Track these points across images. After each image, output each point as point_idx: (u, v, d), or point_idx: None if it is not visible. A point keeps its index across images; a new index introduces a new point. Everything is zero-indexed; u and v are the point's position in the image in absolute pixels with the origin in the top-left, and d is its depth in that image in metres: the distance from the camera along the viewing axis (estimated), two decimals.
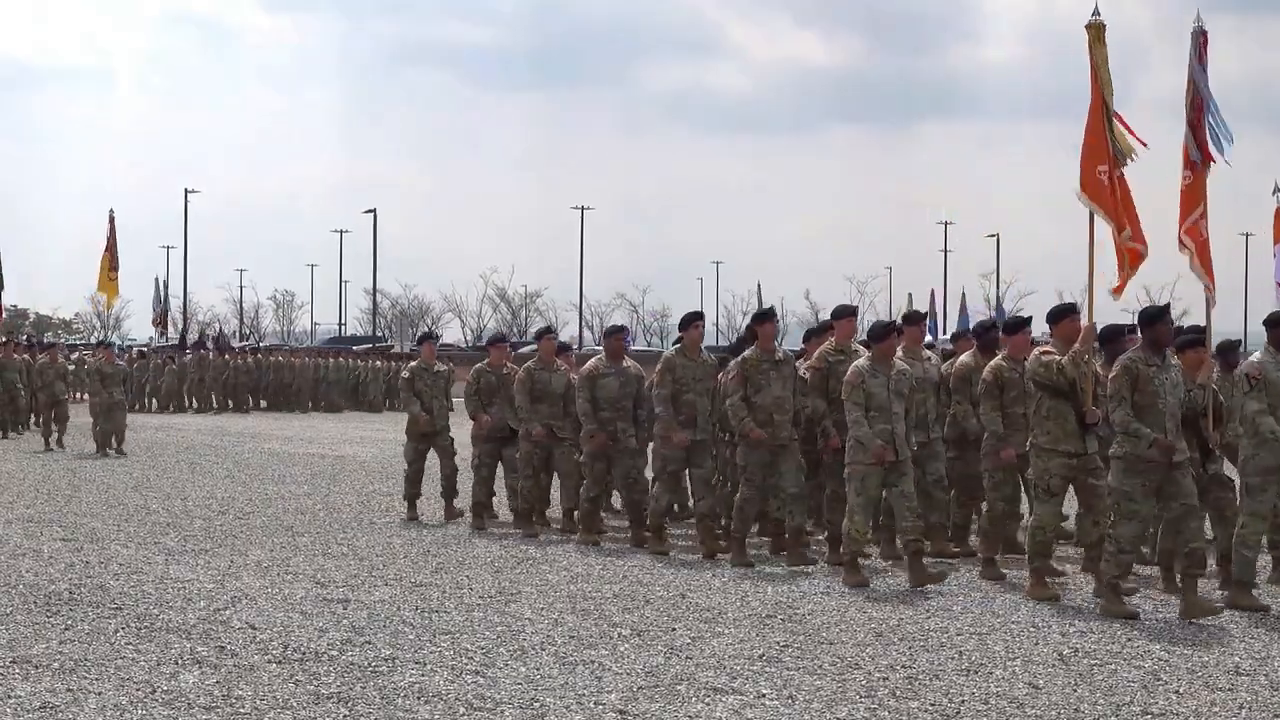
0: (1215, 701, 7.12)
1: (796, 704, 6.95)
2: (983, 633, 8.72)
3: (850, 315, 12.01)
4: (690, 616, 9.12)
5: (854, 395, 10.55)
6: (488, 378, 13.93)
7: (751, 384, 11.36)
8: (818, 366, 11.61)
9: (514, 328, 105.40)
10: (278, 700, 6.89)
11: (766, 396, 11.31)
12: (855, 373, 10.63)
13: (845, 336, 11.75)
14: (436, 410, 14.78)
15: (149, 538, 12.67)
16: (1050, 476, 9.88)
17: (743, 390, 11.35)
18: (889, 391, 10.55)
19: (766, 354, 11.48)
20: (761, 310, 12.30)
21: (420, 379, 14.83)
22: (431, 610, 9.22)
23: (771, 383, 11.35)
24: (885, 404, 10.52)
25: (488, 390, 13.88)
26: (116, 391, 23.45)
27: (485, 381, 13.92)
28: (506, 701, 6.92)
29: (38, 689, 7.06)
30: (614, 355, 12.84)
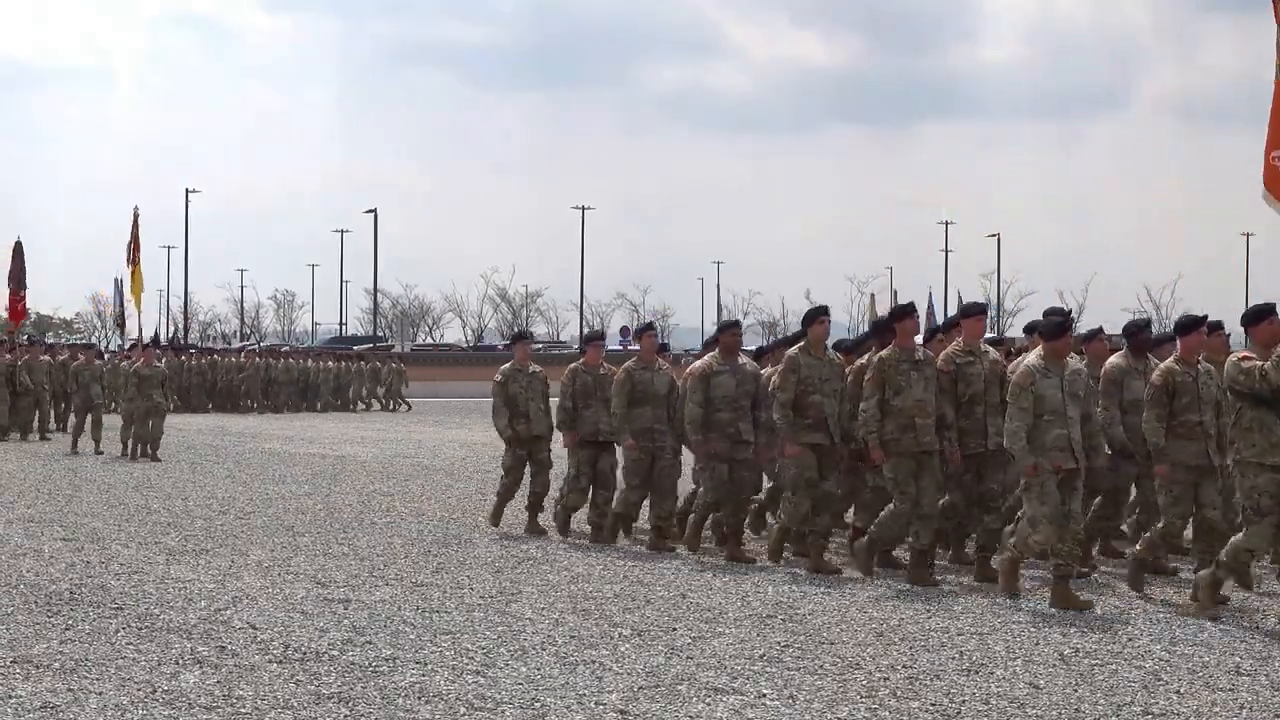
0: (1216, 702, 7.12)
1: (797, 704, 6.95)
2: (983, 633, 8.72)
3: (980, 313, 11.19)
4: (691, 616, 9.12)
5: (1021, 399, 9.58)
6: (584, 378, 13.03)
7: (890, 386, 10.49)
8: (945, 369, 10.70)
9: (514, 327, 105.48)
10: (278, 700, 6.89)
11: (907, 399, 10.46)
12: (1026, 373, 9.66)
13: (974, 336, 10.94)
14: (534, 415, 13.49)
15: (150, 538, 12.67)
16: (1259, 494, 9.03)
17: (879, 394, 10.50)
18: (1063, 394, 9.62)
19: (906, 352, 10.59)
20: (902, 305, 11.14)
21: (514, 382, 13.57)
22: (432, 610, 9.22)
23: (913, 384, 10.49)
24: (1059, 407, 9.57)
25: (584, 392, 12.99)
26: (156, 394, 22.30)
27: (582, 382, 13.02)
28: (507, 701, 6.92)
29: (39, 689, 7.06)
30: (728, 351, 11.88)
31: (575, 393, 12.94)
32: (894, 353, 10.62)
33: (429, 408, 43.58)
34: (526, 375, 13.59)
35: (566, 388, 12.95)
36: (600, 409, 12.83)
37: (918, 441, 10.45)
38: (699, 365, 11.93)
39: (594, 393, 12.91)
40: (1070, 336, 9.95)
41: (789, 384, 11.01)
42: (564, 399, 12.94)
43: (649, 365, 12.56)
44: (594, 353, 13.28)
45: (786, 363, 11.13)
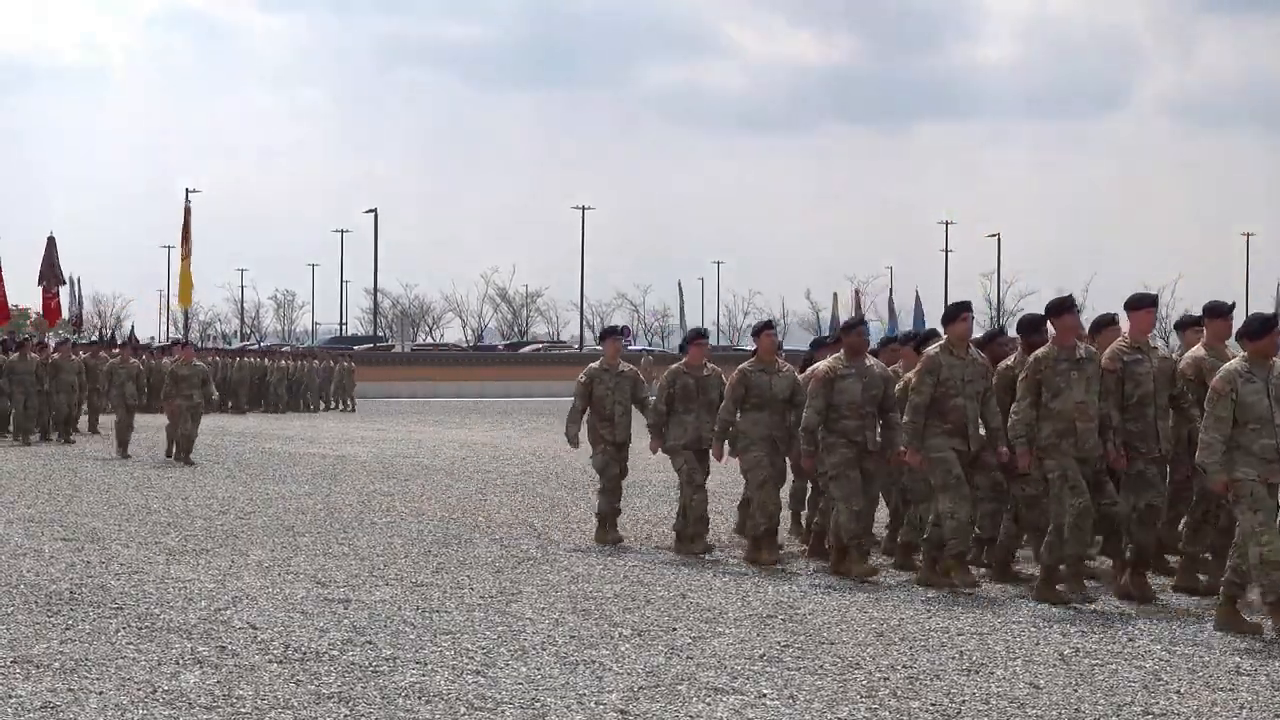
0: (1216, 701, 7.12)
1: (797, 704, 6.95)
2: (984, 632, 8.72)
3: (1151, 305, 10.14)
4: (691, 616, 9.12)
5: (1219, 407, 8.78)
6: (684, 380, 12.04)
7: (1048, 387, 9.74)
8: (1111, 368, 9.90)
9: (514, 328, 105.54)
10: (279, 700, 6.90)
11: (1067, 401, 9.69)
12: (1226, 378, 8.87)
13: (1143, 331, 10.10)
14: (618, 418, 12.58)
15: (150, 537, 12.67)
16: None
17: (1032, 395, 9.77)
18: (1270, 399, 8.82)
19: (1065, 350, 9.82)
20: (1062, 299, 10.12)
21: (600, 383, 12.57)
22: (432, 610, 9.23)
23: (1072, 385, 9.72)
24: (1266, 414, 8.77)
25: (684, 395, 12.01)
26: (196, 394, 21.56)
27: (682, 385, 12.03)
28: (507, 701, 6.92)
29: (39, 689, 7.06)
30: (854, 352, 10.93)
31: (674, 395, 12.03)
32: (1052, 351, 9.84)
33: (429, 408, 43.60)
34: (614, 375, 12.64)
35: (664, 390, 12.04)
36: (703, 413, 11.94)
37: (1078, 447, 9.70)
38: (822, 367, 11.05)
39: (696, 396, 12.01)
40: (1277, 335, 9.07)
41: (925, 386, 10.26)
42: (659, 401, 12.07)
43: (768, 366, 11.57)
44: (697, 352, 12.22)
45: (925, 362, 10.34)
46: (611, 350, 12.83)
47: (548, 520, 14.10)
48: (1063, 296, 10.11)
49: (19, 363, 25.59)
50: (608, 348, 12.92)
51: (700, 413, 11.94)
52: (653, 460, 21.77)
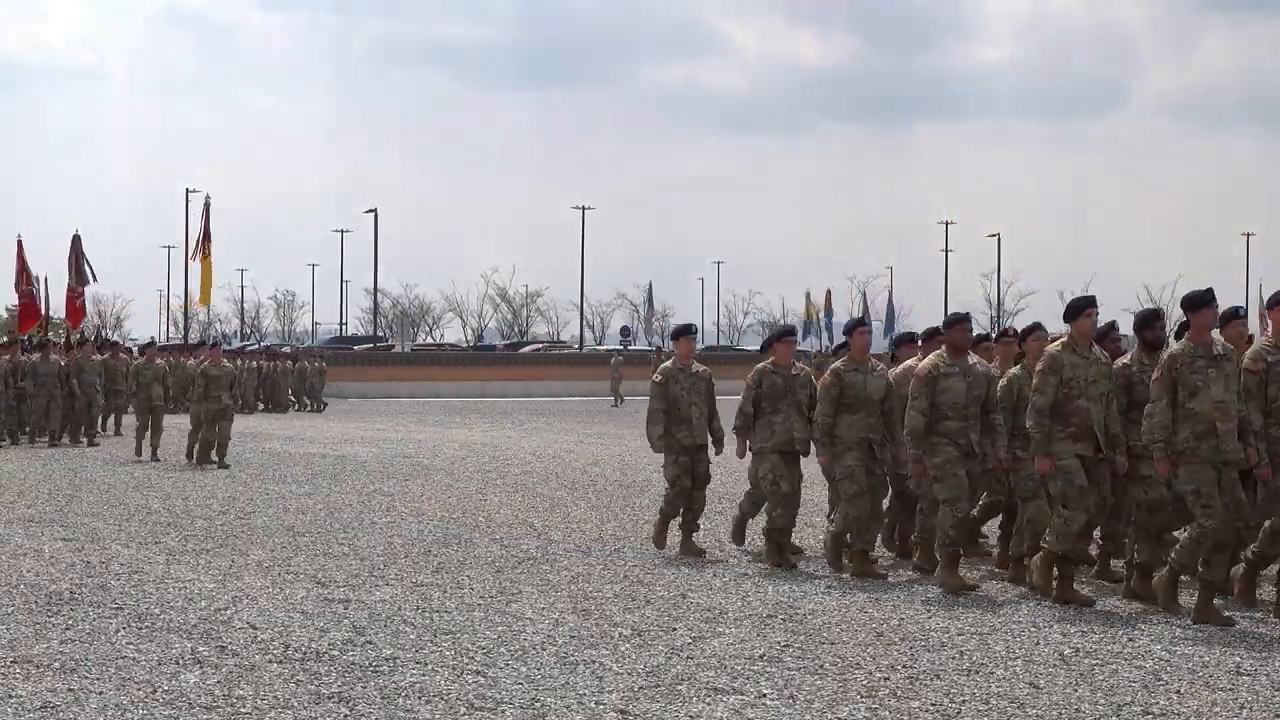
0: (1216, 701, 7.12)
1: (797, 704, 6.95)
2: (984, 632, 8.72)
3: None
4: (691, 616, 9.12)
5: None
6: (772, 379, 11.42)
7: (1184, 386, 9.26)
8: (1253, 368, 9.36)
9: (515, 328, 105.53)
10: (279, 700, 6.90)
11: (1204, 402, 9.22)
12: None
13: None
14: (696, 421, 11.90)
15: (150, 537, 12.67)
16: None
17: (1168, 395, 9.27)
18: None
19: (1202, 347, 9.35)
20: (1201, 292, 9.58)
21: (676, 384, 11.93)
22: (432, 610, 9.22)
23: (1210, 384, 9.27)
24: None
25: (772, 395, 11.41)
26: (225, 396, 20.93)
27: (769, 384, 11.41)
28: (507, 701, 6.92)
29: (39, 689, 7.06)
30: (957, 349, 10.41)
31: (761, 395, 11.42)
32: (1188, 348, 9.33)
33: (429, 408, 43.58)
34: (689, 376, 12.00)
35: (751, 390, 11.42)
36: (793, 414, 11.31)
37: (1219, 450, 9.19)
38: (924, 366, 10.48)
39: (784, 396, 11.37)
40: None
41: (1048, 386, 9.65)
42: (745, 402, 11.46)
43: (862, 365, 10.99)
44: (784, 350, 11.57)
45: (1047, 361, 9.74)
46: (684, 350, 12.18)
47: (548, 520, 14.10)
48: (1202, 290, 9.55)
49: (41, 364, 25.13)
50: (680, 347, 12.25)
51: (789, 414, 11.30)
52: (652, 461, 21.82)
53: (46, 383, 24.86)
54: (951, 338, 10.45)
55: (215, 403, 20.73)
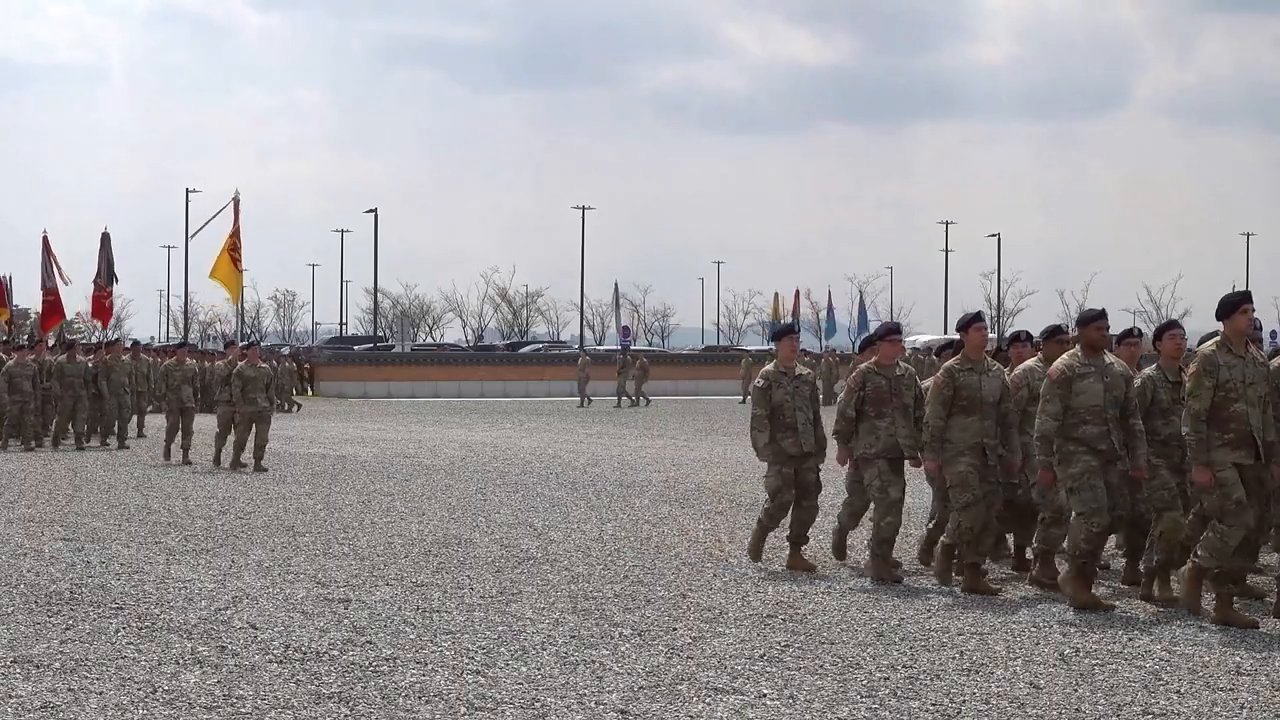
0: (1216, 701, 7.12)
1: (798, 704, 6.95)
2: (984, 632, 8.72)
3: None
4: (691, 616, 9.12)
5: None
6: (876, 381, 10.79)
7: None
8: None
9: (515, 328, 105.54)
10: (279, 700, 6.90)
11: None
12: None
13: None
14: (801, 427, 11.25)
15: (150, 537, 12.67)
16: None
17: None
18: None
19: None
20: None
21: (779, 388, 11.29)
22: (432, 610, 9.22)
23: None
24: None
25: (876, 398, 10.74)
26: (260, 398, 20.25)
27: (874, 386, 10.79)
28: (507, 701, 6.92)
29: (39, 688, 7.06)
30: (1093, 347, 9.67)
31: (865, 398, 10.78)
32: None
33: (429, 408, 43.57)
34: (793, 380, 11.30)
35: (853, 393, 10.81)
36: (899, 417, 10.70)
37: None
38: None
39: (889, 398, 10.72)
40: None
41: (1203, 390, 9.05)
42: (846, 406, 10.85)
43: (977, 364, 10.29)
44: (890, 349, 10.90)
45: (1201, 363, 9.14)
46: (787, 351, 11.46)
47: (548, 520, 14.09)
48: None
49: (68, 364, 24.60)
50: (782, 348, 11.51)
51: (895, 417, 10.67)
52: (653, 460, 21.84)
53: (73, 383, 24.34)
54: (1087, 335, 9.70)
55: (252, 405, 20.12)
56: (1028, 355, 11.14)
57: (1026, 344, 11.49)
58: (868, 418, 10.75)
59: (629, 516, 14.44)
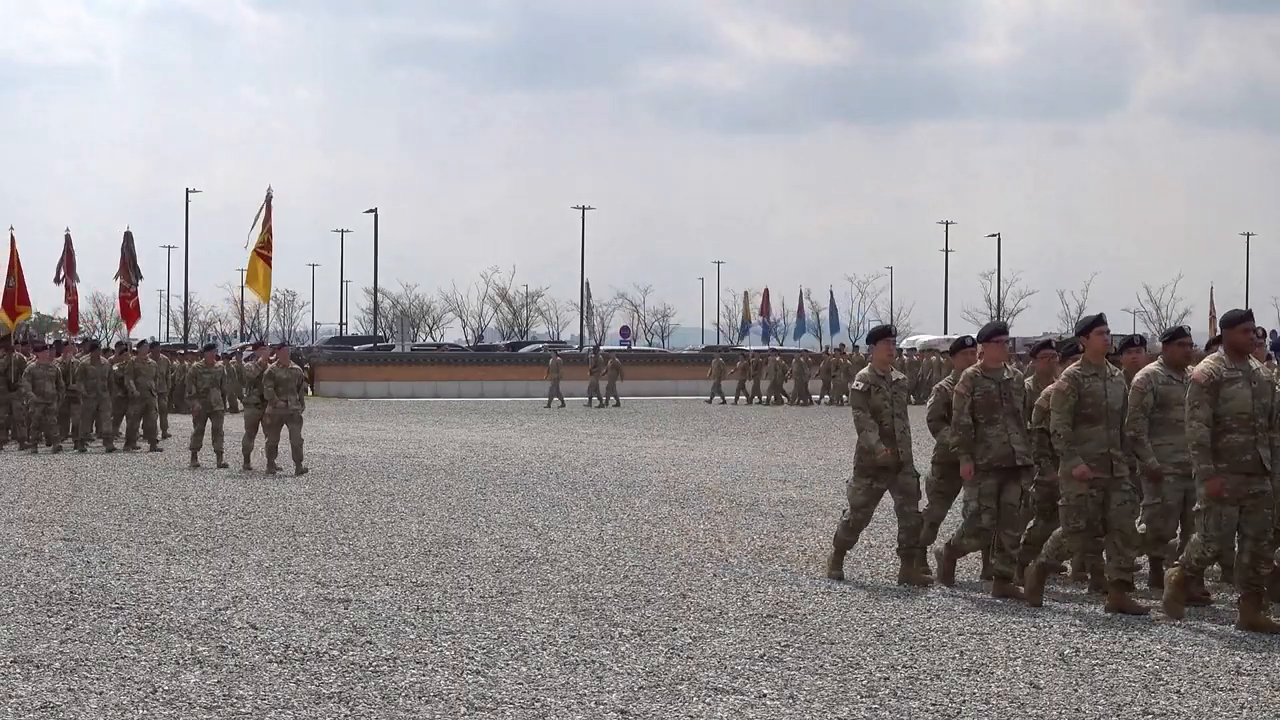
0: (1216, 702, 7.12)
1: (798, 704, 6.95)
2: (984, 632, 8.72)
3: None
4: (691, 616, 9.12)
5: None
6: (985, 385, 10.11)
7: None
8: None
9: (515, 328, 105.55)
10: (279, 700, 6.90)
11: None
12: None
13: None
14: (899, 435, 10.54)
15: (150, 537, 12.67)
16: None
17: None
18: None
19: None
20: None
21: (877, 392, 10.59)
22: (432, 610, 9.23)
23: None
24: None
25: (986, 404, 10.06)
26: (292, 400, 19.71)
27: (983, 390, 10.07)
28: (507, 701, 6.92)
29: (39, 689, 7.07)
30: (1238, 351, 9.14)
31: (976, 405, 10.07)
32: None
33: (429, 408, 43.56)
34: (890, 384, 10.65)
35: (965, 398, 10.08)
36: (1010, 424, 10.06)
37: None
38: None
39: (999, 404, 10.06)
40: None
41: None
42: (961, 414, 10.10)
43: (1100, 370, 9.58)
44: (996, 350, 10.24)
45: None
46: (883, 353, 10.78)
47: (548, 520, 14.09)
48: None
49: (92, 365, 24.11)
50: (879, 351, 10.82)
51: (1006, 424, 10.05)
52: (653, 460, 21.84)
53: (96, 385, 23.87)
54: (1233, 338, 9.18)
55: (283, 407, 19.66)
56: (1143, 361, 10.46)
57: (1141, 348, 10.87)
58: (977, 425, 10.12)
59: (629, 516, 14.44)
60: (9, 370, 23.80)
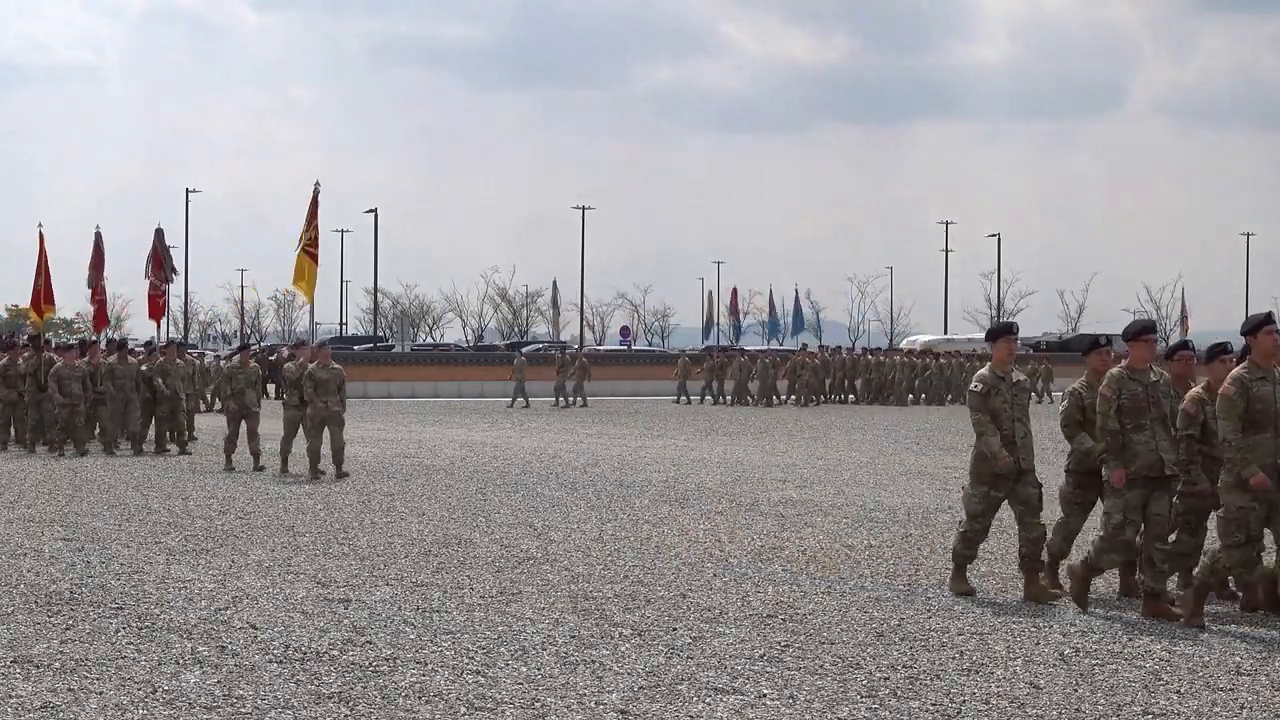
0: (1216, 701, 7.12)
1: (798, 704, 6.95)
2: (984, 632, 8.72)
3: None
4: (691, 616, 9.12)
5: None
6: (1131, 388, 9.39)
7: None
8: None
9: (515, 328, 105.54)
10: (279, 700, 6.90)
11: None
12: None
13: None
14: (1020, 440, 9.98)
15: (150, 537, 12.67)
16: None
17: None
18: None
19: None
20: None
21: (997, 394, 9.99)
22: (432, 610, 9.23)
23: None
24: None
25: (1133, 408, 9.35)
26: (332, 401, 18.94)
27: (1129, 394, 9.37)
28: (507, 701, 6.92)
29: (39, 689, 7.07)
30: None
31: (1122, 409, 9.35)
32: None
33: (429, 408, 43.55)
34: (1011, 386, 10.08)
35: (1110, 402, 9.34)
36: (1158, 430, 9.37)
37: None
38: None
39: (1147, 409, 9.36)
40: None
41: None
42: (1108, 419, 9.34)
43: (1268, 372, 9.03)
44: (1143, 350, 9.51)
45: None
46: (1004, 352, 10.18)
47: (548, 520, 14.09)
48: None
49: (118, 365, 23.55)
50: (999, 349, 10.21)
51: (1154, 430, 9.37)
52: (653, 460, 21.84)
53: (124, 385, 23.36)
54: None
55: (323, 408, 18.92)
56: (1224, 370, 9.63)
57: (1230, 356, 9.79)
58: (1123, 431, 9.39)
59: (629, 516, 14.44)
60: (38, 371, 23.33)
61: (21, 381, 23.28)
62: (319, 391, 18.99)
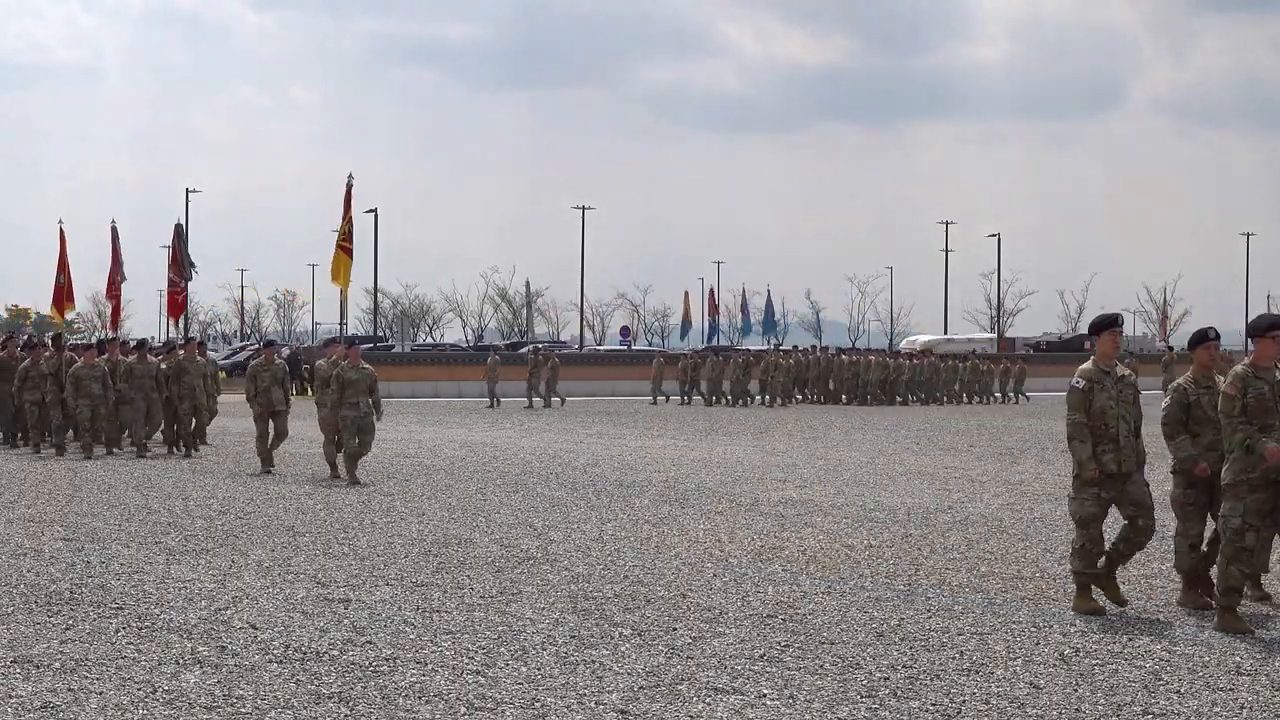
0: (1216, 702, 7.12)
1: (797, 704, 6.95)
2: (984, 632, 8.72)
3: None
4: (691, 616, 9.12)
5: None
6: (1256, 386, 8.93)
7: None
8: None
9: (514, 328, 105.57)
10: (279, 700, 6.90)
11: None
12: None
13: None
14: (1124, 440, 9.37)
15: (150, 537, 12.67)
16: None
17: None
18: None
19: None
20: None
21: (1101, 390, 9.44)
22: (432, 610, 9.23)
23: None
24: None
25: (1260, 407, 8.88)
26: (364, 402, 18.20)
27: (1255, 393, 8.90)
28: (507, 701, 6.92)
29: (39, 689, 7.07)
30: None
31: (1248, 409, 8.86)
32: None
33: (429, 408, 43.57)
34: (1116, 381, 9.48)
35: (1234, 401, 8.89)
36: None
37: None
38: None
39: (1274, 408, 8.87)
40: None
41: None
42: (1232, 418, 8.95)
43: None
44: (1270, 347, 8.99)
45: None
46: (1108, 346, 9.53)
47: (548, 520, 14.09)
48: None
49: (137, 364, 23.07)
50: (1104, 343, 9.56)
51: None
52: (653, 460, 21.84)
53: (143, 385, 22.76)
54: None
55: (353, 409, 18.16)
56: None
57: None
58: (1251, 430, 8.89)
59: (629, 516, 14.44)
60: (60, 371, 23.11)
61: (44, 382, 23.05)
62: (346, 394, 18.21)
